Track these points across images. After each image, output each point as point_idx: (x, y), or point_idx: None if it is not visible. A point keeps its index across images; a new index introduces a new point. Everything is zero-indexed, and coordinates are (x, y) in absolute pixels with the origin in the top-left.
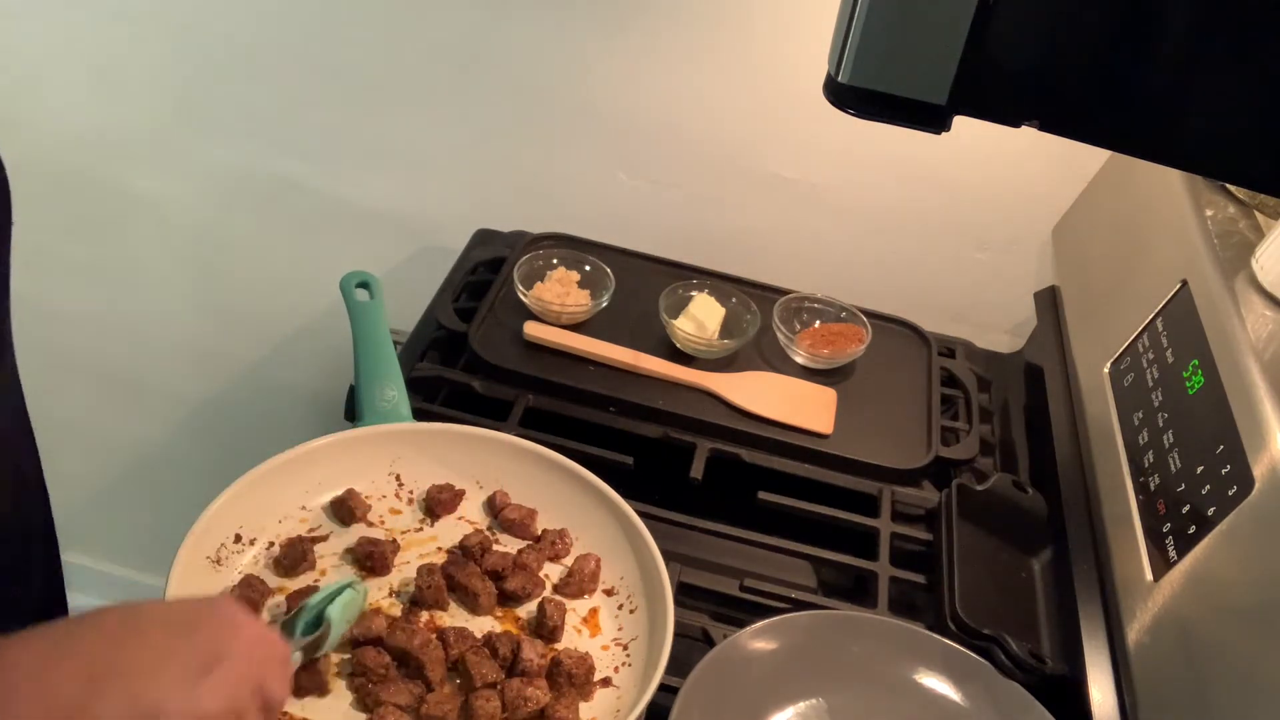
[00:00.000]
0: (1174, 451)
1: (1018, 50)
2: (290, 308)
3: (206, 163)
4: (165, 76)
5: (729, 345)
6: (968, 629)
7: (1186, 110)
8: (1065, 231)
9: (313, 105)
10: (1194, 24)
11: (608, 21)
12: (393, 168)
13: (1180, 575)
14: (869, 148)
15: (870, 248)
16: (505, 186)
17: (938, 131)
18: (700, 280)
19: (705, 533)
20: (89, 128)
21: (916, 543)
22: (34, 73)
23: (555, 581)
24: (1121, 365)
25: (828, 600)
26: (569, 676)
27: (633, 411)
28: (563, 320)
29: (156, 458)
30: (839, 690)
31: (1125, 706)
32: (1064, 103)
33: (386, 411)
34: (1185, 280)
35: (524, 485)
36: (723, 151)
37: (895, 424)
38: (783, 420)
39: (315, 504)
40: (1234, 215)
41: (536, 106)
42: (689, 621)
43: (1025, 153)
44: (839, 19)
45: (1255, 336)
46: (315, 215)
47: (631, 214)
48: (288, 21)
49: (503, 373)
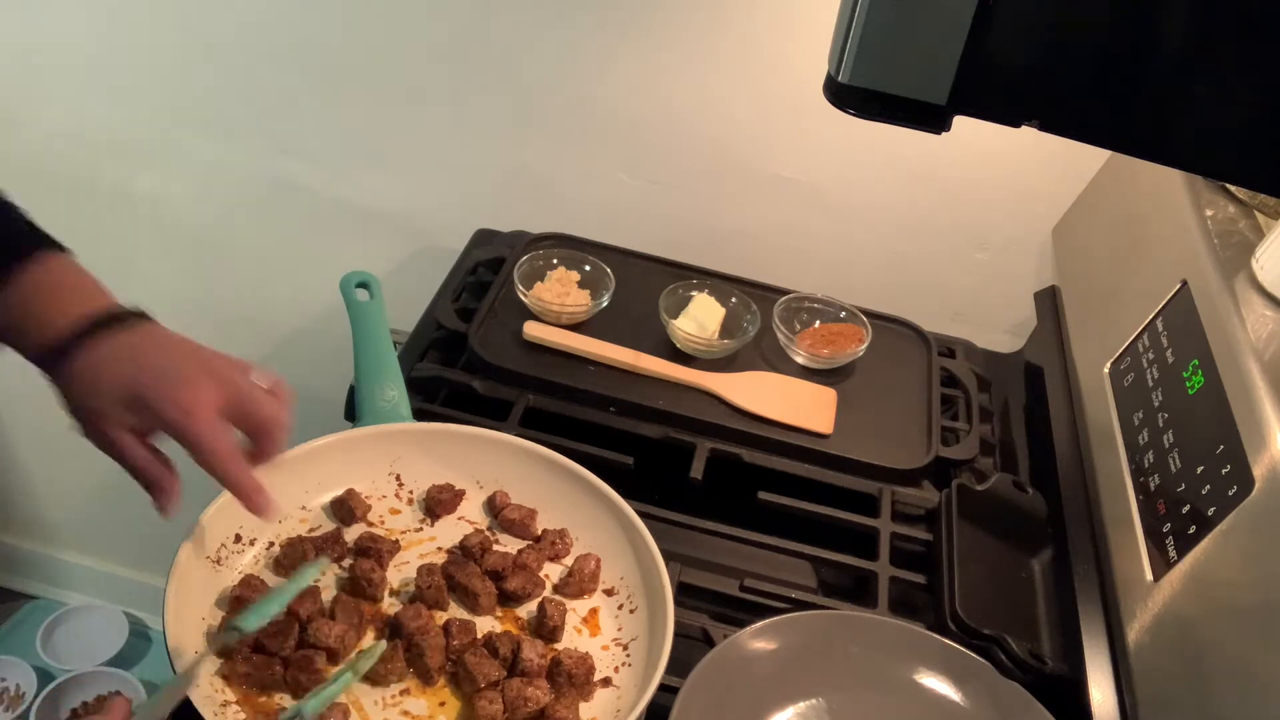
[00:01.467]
0: (1174, 451)
1: (1018, 50)
2: (290, 308)
3: (206, 163)
4: (165, 76)
5: (729, 345)
6: (968, 629)
7: (1186, 110)
8: (1065, 231)
9: (313, 105)
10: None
11: (608, 22)
12: (393, 168)
13: (1180, 575)
14: (869, 148)
15: (870, 248)
16: (505, 186)
17: (938, 131)
18: (700, 280)
19: (705, 533)
20: (89, 128)
21: (916, 543)
22: (34, 73)
23: (555, 581)
24: (1121, 365)
25: (828, 600)
26: (569, 676)
27: (633, 411)
28: (563, 320)
29: None
30: (839, 690)
31: (1125, 706)
32: (1064, 103)
33: (386, 411)
34: (1185, 280)
35: (524, 485)
36: (723, 151)
37: (895, 424)
38: (783, 420)
39: (315, 504)
40: (1234, 215)
41: (537, 106)
42: (689, 621)
43: (1025, 153)
44: (839, 19)
45: (1255, 336)
46: (315, 215)
47: (631, 214)
48: (288, 21)
49: (503, 373)
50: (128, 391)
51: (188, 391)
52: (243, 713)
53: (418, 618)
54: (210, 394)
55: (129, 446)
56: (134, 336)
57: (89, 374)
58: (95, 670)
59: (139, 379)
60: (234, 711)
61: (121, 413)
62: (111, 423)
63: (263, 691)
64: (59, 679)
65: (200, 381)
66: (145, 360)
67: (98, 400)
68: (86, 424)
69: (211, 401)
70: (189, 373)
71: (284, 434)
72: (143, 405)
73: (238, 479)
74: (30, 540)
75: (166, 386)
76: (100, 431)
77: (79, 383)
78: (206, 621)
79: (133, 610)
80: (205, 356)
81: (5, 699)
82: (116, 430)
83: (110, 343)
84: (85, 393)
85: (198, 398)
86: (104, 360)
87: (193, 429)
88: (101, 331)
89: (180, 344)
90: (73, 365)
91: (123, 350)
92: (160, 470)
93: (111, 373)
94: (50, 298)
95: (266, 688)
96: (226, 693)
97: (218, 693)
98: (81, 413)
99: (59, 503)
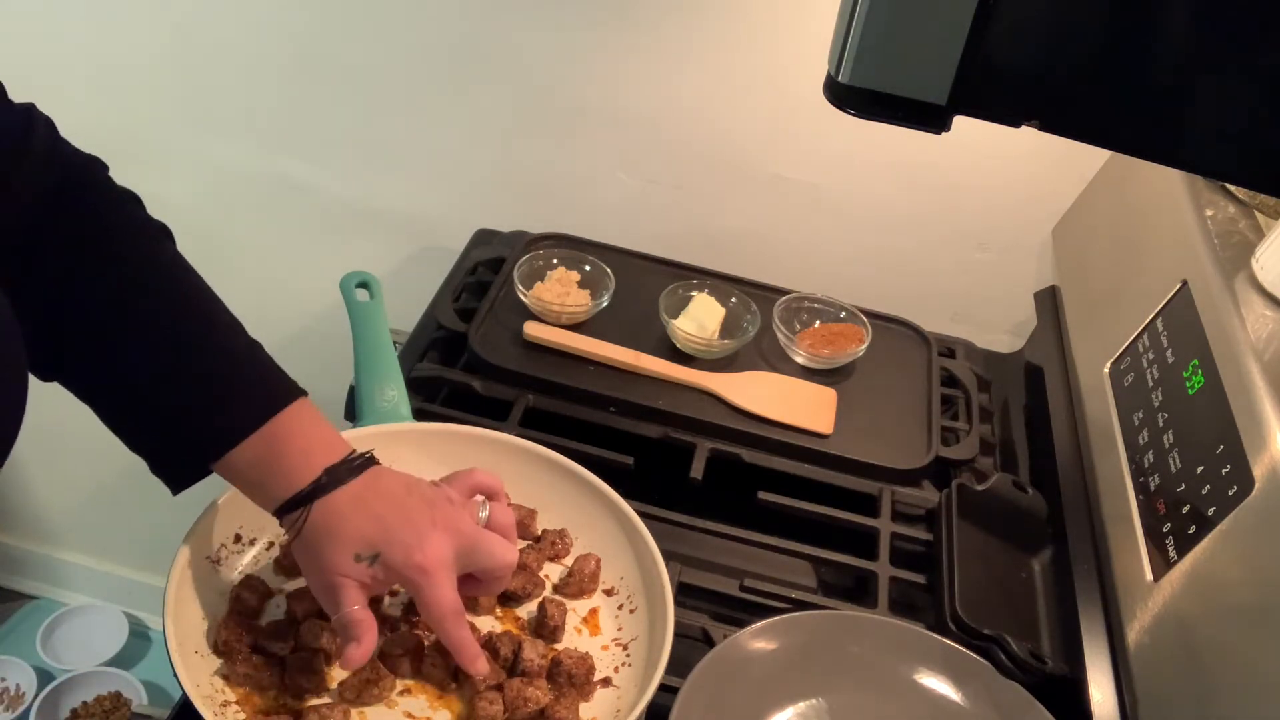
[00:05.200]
0: (1174, 451)
1: (1018, 50)
2: (290, 308)
3: (207, 163)
4: (165, 76)
5: (729, 345)
6: (968, 629)
7: (1186, 110)
8: (1065, 231)
9: (313, 105)
10: (1194, 24)
11: (608, 21)
12: (393, 168)
13: (1180, 575)
14: (869, 148)
15: (870, 248)
16: (505, 186)
17: (938, 131)
18: (700, 280)
19: (705, 533)
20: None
21: (916, 543)
22: (34, 73)
23: (555, 581)
24: (1121, 365)
25: (828, 600)
26: (569, 676)
27: (633, 411)
28: (563, 320)
29: None
30: (839, 690)
31: (1125, 706)
32: (1064, 103)
33: (386, 411)
34: (1185, 280)
35: (524, 485)
36: (723, 151)
37: (895, 424)
38: (783, 420)
39: None
40: (1234, 215)
41: (537, 106)
42: (689, 621)
43: (1025, 153)
44: (839, 19)
45: (1255, 336)
46: (315, 215)
47: (631, 214)
48: (288, 21)
49: (503, 373)
50: (368, 548)
51: (424, 552)
52: (242, 713)
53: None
54: (446, 551)
55: (356, 599)
56: (366, 484)
57: (327, 525)
58: (95, 670)
59: (378, 537)
60: (234, 711)
61: (356, 566)
62: (345, 574)
63: (263, 692)
64: (59, 679)
65: (435, 540)
66: (380, 512)
67: (335, 553)
68: (321, 572)
69: (447, 562)
70: (424, 528)
71: (510, 574)
72: (380, 561)
73: (460, 641)
74: (30, 540)
75: (403, 547)
76: (332, 581)
77: (315, 532)
78: (206, 621)
79: (133, 610)
80: (433, 504)
81: (5, 699)
82: (349, 582)
83: (347, 493)
84: (321, 543)
85: (434, 557)
86: (341, 513)
87: (426, 592)
88: (338, 481)
89: (407, 490)
90: (311, 516)
91: (358, 501)
92: (371, 628)
93: (351, 526)
94: (294, 447)
95: (266, 688)
96: (226, 693)
97: (218, 693)
98: (319, 561)
99: (59, 503)
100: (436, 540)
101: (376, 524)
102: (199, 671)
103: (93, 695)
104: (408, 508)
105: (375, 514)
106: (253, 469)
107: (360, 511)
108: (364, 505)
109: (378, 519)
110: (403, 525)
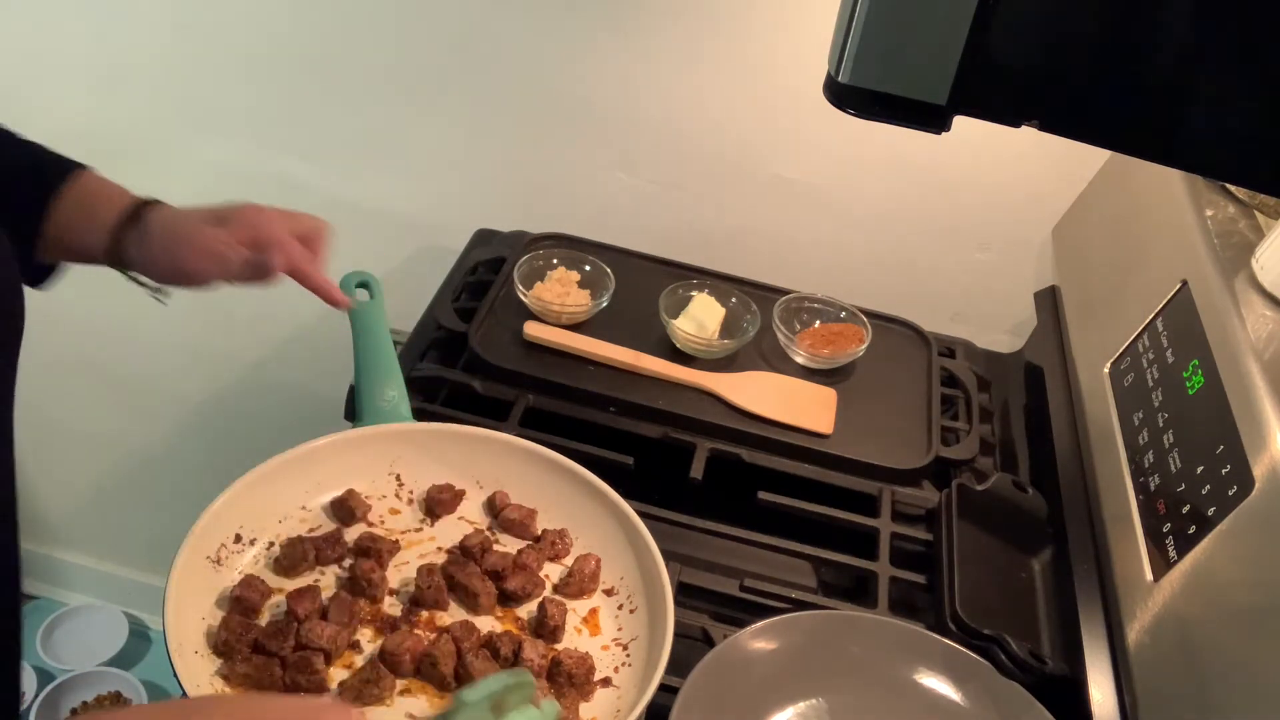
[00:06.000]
0: (1174, 451)
1: (1018, 50)
2: (290, 308)
3: (207, 163)
4: (165, 76)
5: (729, 345)
6: (968, 629)
7: (1186, 110)
8: (1065, 231)
9: (313, 105)
10: (1194, 24)
11: (608, 21)
12: (393, 168)
13: (1180, 575)
14: (869, 148)
15: (870, 248)
16: (505, 186)
17: (938, 131)
18: (700, 280)
19: (705, 533)
20: (89, 128)
21: (916, 543)
22: (34, 73)
23: (555, 582)
24: (1121, 365)
25: (828, 600)
26: (569, 676)
27: (633, 411)
28: (563, 320)
29: (156, 458)
30: (839, 690)
31: (1125, 706)
32: (1064, 103)
33: (386, 411)
34: (1185, 280)
35: (524, 485)
36: (723, 151)
37: (895, 424)
38: (783, 420)
39: (315, 504)
40: (1234, 215)
41: (537, 106)
42: (689, 621)
43: (1025, 153)
44: (839, 19)
45: (1255, 336)
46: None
47: (631, 214)
48: (288, 21)
49: (503, 373)
50: (216, 221)
51: (258, 210)
52: None
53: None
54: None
55: (231, 245)
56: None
57: (165, 220)
58: (95, 670)
59: (213, 210)
60: None
61: (212, 225)
62: (209, 233)
63: (263, 691)
64: (59, 679)
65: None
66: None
67: (187, 223)
68: (189, 248)
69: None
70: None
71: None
72: (224, 221)
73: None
74: (30, 540)
75: (239, 209)
76: (204, 246)
77: (159, 227)
78: (206, 621)
79: (133, 610)
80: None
81: None
82: (214, 234)
83: (161, 208)
84: (172, 225)
85: (266, 212)
86: (168, 213)
87: (266, 228)
88: (151, 206)
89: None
90: (148, 224)
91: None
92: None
93: (184, 213)
94: (98, 199)
95: (266, 688)
96: (227, 693)
97: (218, 693)
98: (179, 246)
99: (59, 503)
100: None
101: (203, 214)
102: (199, 671)
103: (93, 695)
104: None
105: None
106: (79, 210)
107: (180, 214)
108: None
109: (202, 214)
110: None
